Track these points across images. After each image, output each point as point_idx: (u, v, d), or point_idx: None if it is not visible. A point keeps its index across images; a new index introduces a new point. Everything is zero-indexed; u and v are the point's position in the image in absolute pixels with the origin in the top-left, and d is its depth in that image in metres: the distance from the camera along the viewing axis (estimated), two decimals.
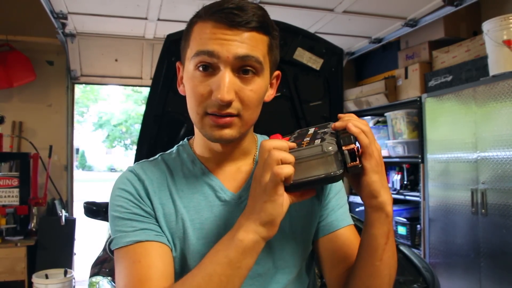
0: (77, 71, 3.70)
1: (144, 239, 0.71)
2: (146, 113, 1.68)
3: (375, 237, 0.70)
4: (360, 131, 0.66)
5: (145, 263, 0.69)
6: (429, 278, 1.78)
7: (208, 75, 0.71)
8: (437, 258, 3.10)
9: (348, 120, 0.67)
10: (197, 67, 0.71)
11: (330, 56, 1.84)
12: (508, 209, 2.48)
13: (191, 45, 0.73)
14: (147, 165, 0.82)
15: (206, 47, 0.69)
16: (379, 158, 0.67)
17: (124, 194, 0.76)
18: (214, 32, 0.69)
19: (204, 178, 0.80)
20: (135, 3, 2.64)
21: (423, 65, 3.46)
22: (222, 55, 0.69)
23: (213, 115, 0.71)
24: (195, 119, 0.74)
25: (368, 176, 0.66)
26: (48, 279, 3.03)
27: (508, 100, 2.49)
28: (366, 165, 0.66)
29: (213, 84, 0.70)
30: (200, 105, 0.72)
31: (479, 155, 2.70)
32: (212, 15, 0.70)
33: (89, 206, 2.08)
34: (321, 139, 0.67)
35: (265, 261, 0.77)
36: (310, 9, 2.76)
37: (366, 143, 0.66)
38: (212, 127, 0.72)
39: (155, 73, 1.60)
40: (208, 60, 0.70)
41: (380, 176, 0.67)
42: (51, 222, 3.35)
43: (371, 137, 0.67)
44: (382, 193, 0.67)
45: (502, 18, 2.56)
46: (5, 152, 3.41)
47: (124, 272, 0.70)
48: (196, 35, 0.72)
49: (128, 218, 0.73)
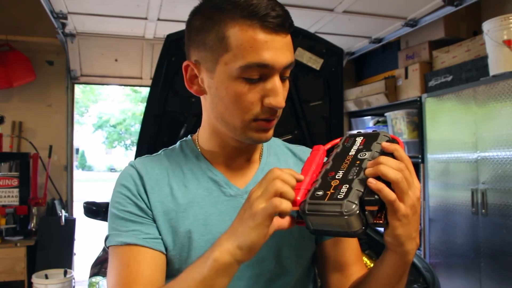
0: (77, 71, 3.70)
1: (134, 242, 0.71)
2: (146, 113, 1.68)
3: (389, 277, 0.69)
4: (383, 188, 0.58)
5: (133, 268, 0.70)
6: (429, 278, 1.78)
7: (254, 82, 0.69)
8: (437, 258, 3.10)
9: (377, 168, 0.59)
10: (244, 77, 0.68)
11: (330, 56, 1.84)
12: (508, 209, 2.48)
13: (233, 52, 0.67)
14: (149, 161, 0.81)
15: (262, 59, 0.66)
16: (410, 210, 0.59)
17: (123, 190, 0.76)
18: (266, 41, 0.66)
19: (208, 173, 0.79)
20: (135, 3, 2.64)
21: (423, 65, 3.46)
22: (276, 66, 0.67)
23: (264, 120, 0.71)
24: (237, 124, 0.72)
25: (392, 230, 0.61)
26: (48, 279, 3.03)
27: (508, 100, 2.49)
28: (390, 221, 0.60)
29: (263, 91, 0.69)
30: (249, 112, 0.70)
31: (479, 155, 2.70)
32: (253, 17, 0.65)
33: (89, 206, 2.08)
34: (348, 186, 0.61)
35: (268, 259, 0.76)
36: (310, 9, 2.76)
37: (390, 200, 0.58)
38: (259, 131, 0.73)
39: (155, 73, 1.60)
40: (260, 72, 0.68)
41: (407, 228, 0.60)
42: (51, 222, 3.35)
43: (402, 187, 0.58)
44: (406, 244, 0.62)
45: (502, 18, 2.56)
46: (5, 152, 3.41)
47: (113, 272, 0.72)
48: (241, 42, 0.66)
49: (123, 217, 0.74)
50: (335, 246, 0.82)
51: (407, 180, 0.59)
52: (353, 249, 0.82)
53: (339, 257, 0.81)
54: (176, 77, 1.57)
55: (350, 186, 0.61)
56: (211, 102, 0.74)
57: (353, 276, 0.81)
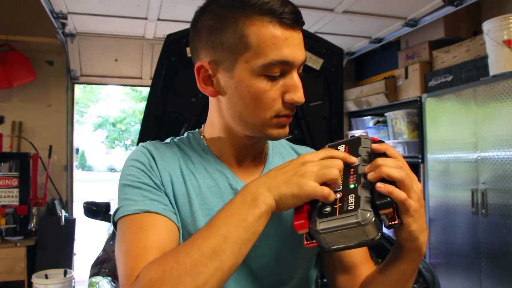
0: (77, 71, 3.70)
1: (154, 210, 0.68)
2: (146, 113, 1.68)
3: (403, 272, 0.69)
4: (393, 189, 0.58)
5: (152, 232, 0.65)
6: (429, 278, 1.78)
7: (275, 79, 0.70)
8: (437, 258, 3.09)
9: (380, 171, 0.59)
10: (265, 75, 0.68)
11: (330, 56, 1.84)
12: (509, 209, 2.48)
13: (255, 50, 0.67)
14: (159, 145, 0.81)
15: (284, 56, 0.67)
16: (418, 204, 0.61)
17: (136, 164, 0.74)
18: (284, 37, 0.67)
19: (216, 165, 0.79)
20: (135, 3, 2.64)
21: (423, 65, 3.46)
22: (296, 62, 0.69)
23: (285, 116, 0.72)
24: (257, 122, 0.72)
25: (407, 227, 0.62)
26: (48, 279, 3.03)
27: (508, 100, 2.49)
28: (403, 219, 0.61)
29: (284, 87, 0.70)
30: (271, 109, 0.71)
31: (479, 155, 2.70)
32: (271, 14, 0.66)
33: (89, 206, 2.08)
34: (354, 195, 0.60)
35: (268, 255, 0.76)
36: (310, 9, 2.76)
37: (402, 199, 0.59)
38: (278, 128, 0.73)
39: (155, 73, 1.60)
40: (281, 68, 0.69)
41: (419, 222, 0.62)
42: (51, 222, 3.35)
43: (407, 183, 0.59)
44: (420, 237, 0.63)
45: (502, 18, 2.56)
46: (5, 152, 3.41)
47: (128, 237, 0.66)
48: (262, 40, 0.67)
49: (138, 187, 0.71)
50: None
51: (409, 176, 0.60)
52: (360, 249, 0.80)
53: (346, 258, 0.80)
54: (176, 77, 1.58)
55: (357, 194, 0.60)
56: (228, 102, 0.73)
57: (362, 276, 0.80)
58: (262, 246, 0.75)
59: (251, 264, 0.75)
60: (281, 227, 0.77)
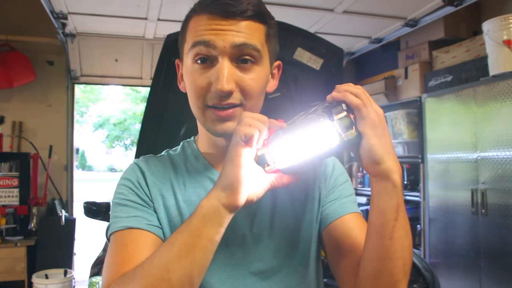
0: (77, 71, 3.70)
1: (135, 226, 0.71)
2: (146, 113, 1.68)
3: (383, 211, 0.63)
4: (348, 93, 0.61)
5: (131, 247, 0.69)
6: (429, 278, 1.79)
7: (207, 67, 0.71)
8: (437, 258, 3.10)
9: (338, 87, 0.63)
10: (195, 60, 0.71)
11: (330, 56, 1.84)
12: (508, 209, 2.48)
13: (187, 39, 0.74)
14: (152, 159, 0.83)
15: (202, 37, 0.70)
16: (379, 121, 0.61)
17: (125, 182, 0.78)
18: (209, 24, 0.70)
19: (206, 173, 0.80)
20: (135, 3, 2.65)
21: (423, 65, 3.46)
22: (219, 44, 0.69)
23: (214, 107, 0.71)
24: (197, 114, 0.75)
25: (366, 141, 0.60)
26: (48, 279, 3.03)
27: (508, 100, 2.49)
28: (362, 129, 0.60)
29: (212, 75, 0.70)
30: (200, 98, 0.72)
31: (479, 155, 2.70)
32: (206, 7, 0.71)
33: (89, 206, 2.08)
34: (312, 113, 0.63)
35: (265, 257, 0.76)
36: (310, 9, 2.76)
37: (357, 104, 0.60)
38: (214, 121, 0.72)
39: (155, 73, 1.61)
40: (204, 52, 0.70)
41: (382, 140, 0.60)
42: (51, 222, 3.35)
43: (364, 99, 0.61)
44: (386, 159, 0.61)
45: (502, 18, 2.56)
46: (5, 152, 3.41)
47: (110, 254, 0.71)
48: (191, 28, 0.73)
49: (124, 204, 0.75)
50: (340, 228, 0.78)
51: (366, 95, 0.62)
52: (360, 229, 0.76)
53: (341, 242, 0.77)
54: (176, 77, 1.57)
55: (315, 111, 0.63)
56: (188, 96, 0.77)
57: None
58: (258, 248, 0.76)
59: (249, 267, 0.75)
60: (274, 228, 0.78)
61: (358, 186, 4.29)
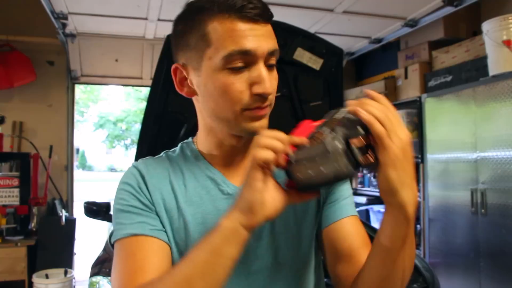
0: (77, 71, 3.71)
1: (140, 232, 0.72)
2: (147, 113, 1.68)
3: (390, 238, 0.63)
4: (373, 119, 0.58)
5: (139, 256, 0.70)
6: (429, 278, 1.79)
7: (239, 71, 0.70)
8: (437, 258, 3.10)
9: (361, 103, 0.60)
10: (228, 68, 0.70)
11: (330, 56, 1.84)
12: (508, 209, 2.48)
13: (215, 45, 0.70)
14: (150, 161, 0.83)
15: (243, 46, 0.68)
16: (401, 152, 0.58)
17: (125, 187, 0.77)
18: (244, 29, 0.69)
19: (206, 172, 0.80)
20: (135, 3, 2.65)
21: (423, 65, 3.47)
22: (259, 52, 0.69)
23: (255, 109, 0.72)
24: (230, 117, 0.73)
25: (383, 173, 0.59)
26: (48, 279, 3.04)
27: (507, 100, 2.50)
28: (381, 159, 0.58)
29: (249, 79, 0.70)
30: (239, 102, 0.71)
31: (478, 155, 2.71)
32: (230, 10, 0.69)
33: (89, 206, 2.09)
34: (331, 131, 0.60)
35: (266, 256, 0.76)
36: (310, 9, 2.76)
37: (379, 133, 0.57)
38: (251, 121, 0.73)
39: (155, 73, 1.61)
40: (244, 59, 0.69)
41: (401, 172, 0.58)
42: (51, 222, 3.36)
43: (389, 126, 0.58)
44: (401, 192, 0.59)
45: (502, 18, 2.57)
46: (5, 152, 3.42)
47: (119, 264, 0.72)
48: (221, 34, 0.69)
49: (127, 210, 0.75)
50: (337, 231, 0.79)
51: (391, 120, 0.59)
52: (357, 233, 0.78)
53: (338, 245, 0.78)
54: None
55: (334, 129, 0.60)
56: (202, 101, 0.76)
57: (361, 262, 0.76)
58: (258, 247, 0.76)
59: (250, 266, 0.75)
60: (275, 227, 0.78)
61: (358, 186, 4.29)
